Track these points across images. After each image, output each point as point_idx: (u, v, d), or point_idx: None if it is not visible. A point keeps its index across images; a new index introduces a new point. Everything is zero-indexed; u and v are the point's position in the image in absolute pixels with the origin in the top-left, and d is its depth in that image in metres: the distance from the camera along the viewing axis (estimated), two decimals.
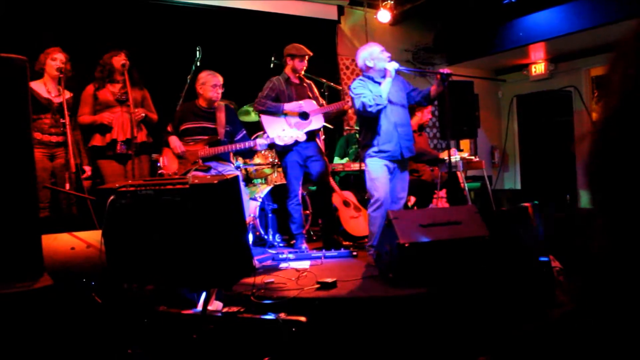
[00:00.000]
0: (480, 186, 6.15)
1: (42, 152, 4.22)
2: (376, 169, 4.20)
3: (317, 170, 4.82)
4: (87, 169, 4.56)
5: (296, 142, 4.66)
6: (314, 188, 5.37)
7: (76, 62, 4.54)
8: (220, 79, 4.58)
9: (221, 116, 4.60)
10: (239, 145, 4.50)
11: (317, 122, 4.81)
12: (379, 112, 4.13)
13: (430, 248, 3.30)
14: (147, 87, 4.79)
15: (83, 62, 4.77)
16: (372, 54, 4.23)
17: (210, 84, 4.54)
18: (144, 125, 4.64)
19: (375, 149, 4.20)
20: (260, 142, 4.50)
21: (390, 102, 4.18)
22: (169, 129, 4.59)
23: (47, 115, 4.26)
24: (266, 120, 4.75)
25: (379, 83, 4.18)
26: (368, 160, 4.26)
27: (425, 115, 5.62)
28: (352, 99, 4.23)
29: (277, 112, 4.71)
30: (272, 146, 4.88)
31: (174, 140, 4.51)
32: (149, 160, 4.69)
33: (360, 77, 4.34)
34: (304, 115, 4.76)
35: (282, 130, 4.56)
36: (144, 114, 4.53)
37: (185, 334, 2.66)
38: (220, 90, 4.59)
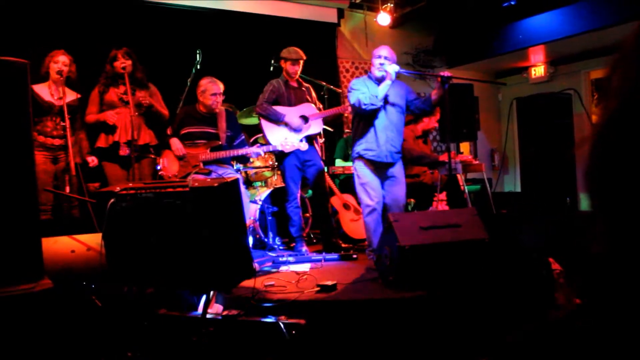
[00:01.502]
0: (480, 189, 6.14)
1: (45, 155, 4.23)
2: (365, 173, 4.21)
3: (313, 174, 4.83)
4: (92, 159, 4.51)
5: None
6: (309, 193, 5.37)
7: (78, 64, 4.54)
8: (221, 87, 4.58)
9: (222, 121, 4.62)
10: (236, 152, 4.52)
11: (315, 127, 4.82)
12: (373, 112, 4.15)
13: (430, 251, 3.30)
14: None
15: (84, 63, 4.77)
16: (374, 55, 4.30)
17: (210, 93, 4.54)
18: (152, 125, 4.64)
19: (361, 147, 4.24)
20: (254, 150, 4.52)
21: (386, 104, 4.19)
22: (169, 132, 4.61)
23: (50, 118, 4.26)
24: (266, 125, 4.75)
25: (377, 82, 4.20)
26: (356, 164, 4.29)
27: (432, 122, 5.54)
28: (349, 92, 4.25)
29: (277, 120, 4.71)
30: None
31: (175, 143, 4.52)
32: (151, 163, 4.68)
33: (364, 76, 4.40)
34: (303, 119, 4.77)
35: (284, 138, 4.58)
36: (148, 101, 4.51)
37: (185, 337, 2.66)
38: (220, 99, 4.60)
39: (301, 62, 4.85)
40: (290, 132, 4.71)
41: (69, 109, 4.26)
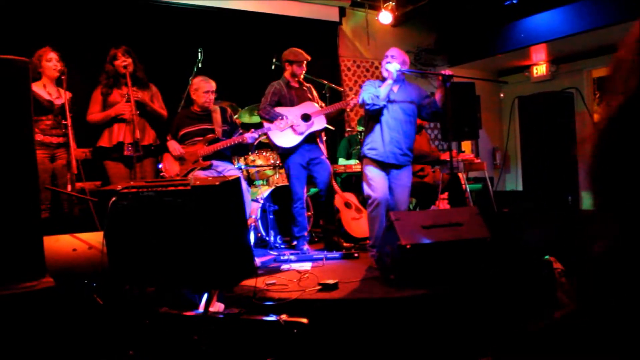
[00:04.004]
0: (482, 188, 6.14)
1: (43, 153, 4.22)
2: (371, 170, 4.23)
3: (320, 172, 4.83)
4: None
5: (299, 145, 4.69)
6: (315, 190, 5.37)
7: (78, 64, 4.54)
8: (213, 86, 4.67)
9: (217, 116, 4.68)
10: (233, 141, 4.54)
11: (319, 124, 4.81)
12: (379, 112, 4.16)
13: (431, 249, 3.30)
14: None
15: (84, 63, 4.78)
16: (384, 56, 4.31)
17: (203, 90, 4.64)
18: (153, 125, 4.65)
19: (367, 146, 4.28)
20: (250, 135, 4.54)
21: (391, 103, 4.19)
22: (168, 138, 4.66)
23: (49, 116, 4.24)
24: (269, 125, 4.75)
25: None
26: (363, 162, 4.33)
27: None
28: (359, 94, 4.31)
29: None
30: (273, 147, 4.92)
31: (172, 144, 4.60)
32: (154, 163, 4.70)
33: (376, 79, 4.43)
34: (305, 117, 4.77)
35: (287, 136, 4.63)
36: (140, 96, 4.47)
37: (186, 335, 2.66)
38: (212, 97, 4.69)
39: (305, 62, 4.87)
40: (293, 132, 4.72)
41: (63, 107, 4.25)
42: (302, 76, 4.91)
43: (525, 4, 7.27)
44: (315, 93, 5.06)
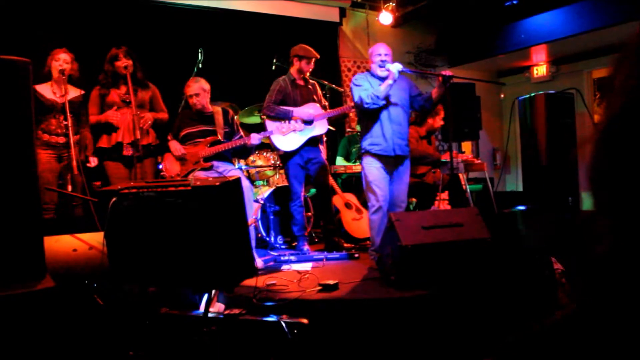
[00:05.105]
0: (482, 188, 6.13)
1: (50, 153, 4.23)
2: (372, 171, 4.21)
3: (317, 172, 4.84)
4: (93, 159, 4.48)
5: (300, 147, 4.71)
6: (313, 191, 5.38)
7: (81, 63, 4.55)
8: (197, 88, 4.55)
9: (219, 118, 4.65)
10: (235, 143, 4.51)
11: (320, 128, 4.81)
12: (377, 109, 4.16)
13: (432, 250, 3.30)
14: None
15: (86, 63, 4.78)
16: (372, 53, 4.31)
17: (187, 94, 4.59)
18: (153, 125, 4.65)
19: (368, 142, 4.25)
20: (254, 135, 4.51)
21: (389, 102, 4.19)
22: (169, 137, 4.64)
23: (53, 116, 4.26)
24: (270, 126, 4.75)
25: (379, 78, 4.20)
26: (364, 161, 4.28)
27: (436, 122, 5.46)
28: (352, 89, 4.25)
29: (285, 117, 4.70)
30: (275, 149, 4.92)
31: (173, 144, 4.57)
32: (154, 163, 4.69)
33: (366, 72, 4.42)
34: (308, 121, 4.77)
35: (288, 138, 4.63)
36: (150, 122, 4.53)
37: (187, 336, 2.66)
38: (201, 99, 4.57)
39: (314, 60, 4.87)
40: (295, 134, 4.72)
41: (73, 105, 4.26)
42: (308, 74, 4.90)
43: (525, 4, 7.27)
44: (319, 91, 5.06)
